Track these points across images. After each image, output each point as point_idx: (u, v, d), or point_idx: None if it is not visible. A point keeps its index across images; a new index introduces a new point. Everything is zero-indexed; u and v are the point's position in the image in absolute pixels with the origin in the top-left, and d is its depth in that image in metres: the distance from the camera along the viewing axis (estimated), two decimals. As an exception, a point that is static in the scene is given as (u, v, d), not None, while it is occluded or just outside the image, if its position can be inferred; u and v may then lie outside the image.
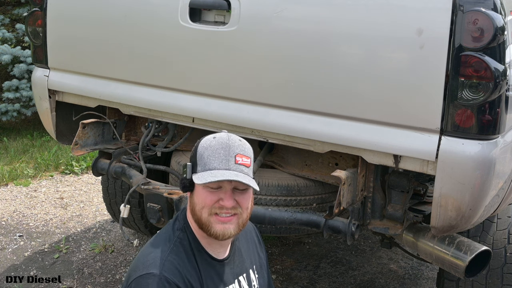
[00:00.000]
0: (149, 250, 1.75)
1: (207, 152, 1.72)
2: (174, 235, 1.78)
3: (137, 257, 1.77)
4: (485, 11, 1.94)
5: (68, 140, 3.17)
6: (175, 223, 1.82)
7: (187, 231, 1.78)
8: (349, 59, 2.23)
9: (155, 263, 1.67)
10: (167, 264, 1.67)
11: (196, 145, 1.77)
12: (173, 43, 2.58)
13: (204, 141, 1.76)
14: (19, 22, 6.85)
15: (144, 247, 1.81)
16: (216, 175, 1.67)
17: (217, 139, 1.74)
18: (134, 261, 1.76)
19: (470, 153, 2.03)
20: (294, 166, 2.78)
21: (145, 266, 1.68)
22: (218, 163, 1.70)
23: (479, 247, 2.34)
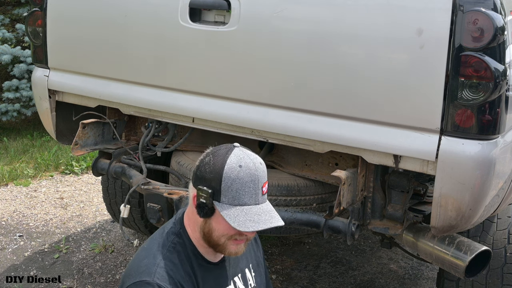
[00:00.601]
0: (142, 256, 1.73)
1: (236, 185, 1.63)
2: (168, 240, 1.75)
3: (131, 262, 1.75)
4: (485, 11, 1.94)
5: (68, 140, 3.17)
6: (170, 227, 1.79)
7: (184, 236, 1.75)
8: (349, 59, 2.23)
9: (148, 270, 1.66)
10: (159, 271, 1.66)
11: (215, 168, 1.64)
12: (173, 43, 2.58)
13: (230, 169, 1.63)
14: (19, 22, 6.84)
15: (138, 251, 1.79)
16: (254, 218, 1.63)
17: (244, 169, 1.64)
18: (128, 266, 1.75)
19: (470, 153, 2.03)
20: (294, 166, 2.78)
21: (138, 273, 1.66)
22: (248, 198, 1.64)
23: (479, 247, 2.34)
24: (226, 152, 1.67)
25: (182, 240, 1.75)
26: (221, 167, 1.64)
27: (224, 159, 1.65)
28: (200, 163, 1.70)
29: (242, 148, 1.70)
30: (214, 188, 1.64)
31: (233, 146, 1.70)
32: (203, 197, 1.66)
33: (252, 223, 1.62)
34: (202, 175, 1.67)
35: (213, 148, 1.73)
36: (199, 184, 1.67)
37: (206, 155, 1.71)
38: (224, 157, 1.66)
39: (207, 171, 1.66)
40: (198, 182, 1.67)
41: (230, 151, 1.67)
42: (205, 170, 1.67)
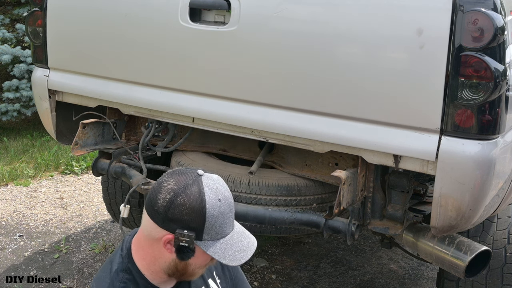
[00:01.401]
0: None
1: (219, 220, 1.55)
2: (118, 278, 1.63)
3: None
4: (485, 11, 1.94)
5: (68, 140, 3.17)
6: (117, 263, 1.67)
7: (133, 271, 1.64)
8: (349, 59, 2.23)
9: None
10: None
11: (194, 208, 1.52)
12: (173, 43, 2.58)
13: (212, 207, 1.53)
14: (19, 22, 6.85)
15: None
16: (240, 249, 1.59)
17: (223, 201, 1.56)
18: None
19: (470, 153, 2.03)
20: (294, 166, 2.78)
21: None
22: (228, 227, 1.59)
23: (479, 247, 2.35)
24: (198, 188, 1.54)
25: (132, 276, 1.64)
26: (202, 207, 1.53)
27: (201, 197, 1.53)
28: (169, 203, 1.53)
29: (208, 175, 1.59)
30: (195, 229, 1.53)
31: (199, 175, 1.57)
32: (184, 241, 1.54)
33: (240, 253, 1.58)
34: (177, 217, 1.53)
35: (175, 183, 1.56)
36: (174, 226, 1.53)
37: (172, 192, 1.54)
38: (200, 194, 1.54)
39: (184, 213, 1.52)
40: (173, 225, 1.53)
41: (200, 184, 1.55)
42: (180, 212, 1.52)
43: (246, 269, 3.82)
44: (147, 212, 1.59)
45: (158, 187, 1.57)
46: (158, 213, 1.55)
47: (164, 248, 1.58)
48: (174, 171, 1.61)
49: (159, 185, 1.57)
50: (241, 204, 2.62)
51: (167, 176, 1.59)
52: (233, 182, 2.70)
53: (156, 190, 1.56)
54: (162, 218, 1.54)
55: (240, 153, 2.97)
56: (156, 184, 1.59)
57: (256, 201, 2.65)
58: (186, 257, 1.57)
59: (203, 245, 1.55)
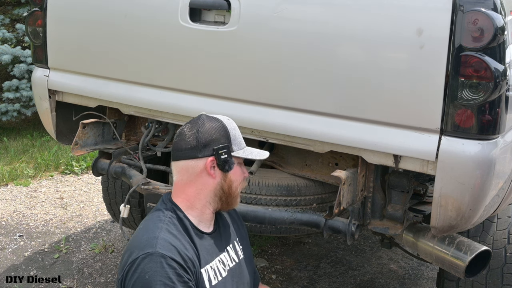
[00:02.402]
0: (141, 234, 1.81)
1: (236, 132, 1.94)
2: (165, 215, 1.86)
3: (130, 242, 1.82)
4: (485, 11, 1.94)
5: (68, 140, 3.17)
6: (161, 207, 1.90)
7: (177, 211, 1.88)
8: (349, 59, 2.23)
9: (149, 243, 1.74)
10: (160, 242, 1.74)
11: (217, 128, 1.89)
12: (173, 43, 2.58)
13: (228, 122, 1.92)
14: (19, 22, 6.85)
15: (136, 233, 1.86)
16: (254, 151, 1.98)
17: (230, 119, 1.96)
18: (128, 246, 1.81)
19: (470, 153, 2.03)
20: (294, 166, 2.78)
21: (140, 248, 1.74)
22: (243, 139, 1.97)
23: (479, 247, 2.35)
24: (209, 117, 1.92)
25: (176, 215, 1.87)
26: (222, 124, 1.91)
27: (216, 120, 1.91)
28: (197, 134, 1.87)
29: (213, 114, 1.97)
30: (226, 142, 1.89)
31: (206, 114, 1.95)
32: (223, 153, 1.88)
33: (258, 153, 1.99)
34: (208, 141, 1.87)
35: (191, 125, 1.91)
36: (210, 148, 1.86)
37: (194, 128, 1.89)
38: (214, 119, 1.91)
39: (212, 133, 1.88)
40: (208, 148, 1.86)
41: (208, 115, 1.93)
42: (209, 134, 1.88)
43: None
44: (181, 159, 1.89)
45: (181, 136, 1.90)
46: (193, 148, 1.87)
47: (208, 175, 1.88)
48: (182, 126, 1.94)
49: (180, 135, 1.90)
50: (241, 204, 2.62)
51: (181, 128, 1.92)
52: (233, 182, 2.69)
53: (181, 138, 1.90)
54: (199, 149, 1.87)
55: (240, 153, 2.97)
56: (177, 138, 1.91)
57: (256, 201, 2.65)
58: (230, 168, 1.89)
59: (237, 153, 1.92)
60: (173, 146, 1.93)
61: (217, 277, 1.88)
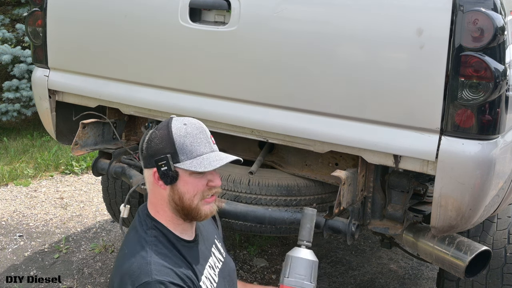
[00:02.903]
0: (130, 259, 1.69)
1: (188, 139, 1.74)
2: (148, 235, 1.75)
3: (117, 271, 1.70)
4: (485, 11, 1.94)
5: (68, 140, 3.17)
6: (141, 225, 1.79)
7: (158, 226, 1.78)
8: (349, 59, 2.23)
9: (143, 271, 1.64)
10: (154, 267, 1.65)
11: (163, 136, 1.74)
12: (173, 43, 2.58)
13: (177, 130, 1.74)
14: (19, 22, 6.85)
15: (123, 257, 1.73)
16: (215, 159, 1.75)
17: (189, 124, 1.76)
18: (116, 273, 1.70)
19: (470, 153, 2.03)
20: (294, 166, 2.78)
21: (134, 277, 1.63)
22: (203, 147, 1.75)
23: (479, 247, 2.35)
24: (166, 122, 1.76)
25: (159, 231, 1.77)
26: (169, 132, 1.74)
27: (167, 126, 1.75)
28: (145, 144, 1.77)
29: (180, 118, 1.79)
30: (169, 152, 1.72)
31: (170, 117, 1.79)
32: (163, 165, 1.72)
33: (216, 162, 1.73)
34: (153, 150, 1.74)
35: (152, 130, 1.79)
36: (154, 159, 1.73)
37: (148, 135, 1.78)
38: (167, 125, 1.75)
39: (156, 143, 1.74)
40: (152, 159, 1.74)
41: (169, 120, 1.77)
42: (154, 144, 1.75)
43: (246, 269, 3.82)
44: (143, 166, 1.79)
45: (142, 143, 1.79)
46: (144, 157, 1.77)
47: (158, 186, 1.76)
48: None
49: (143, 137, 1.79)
50: (241, 204, 2.62)
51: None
52: (233, 182, 2.70)
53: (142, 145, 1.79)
54: (146, 159, 1.77)
55: (240, 153, 2.97)
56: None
57: (256, 201, 2.65)
58: (172, 181, 1.73)
59: (182, 165, 1.72)
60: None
61: (213, 285, 1.83)
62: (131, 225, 1.85)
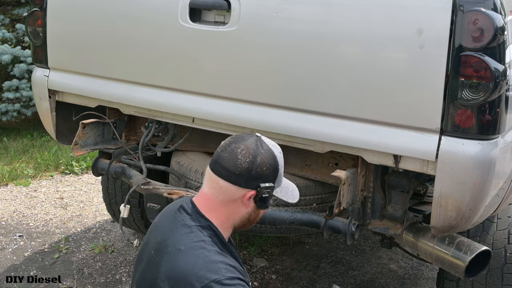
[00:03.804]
0: (191, 259, 1.71)
1: (282, 170, 1.89)
2: (204, 235, 1.79)
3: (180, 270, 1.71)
4: (485, 11, 1.94)
5: (68, 140, 3.17)
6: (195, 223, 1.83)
7: (213, 227, 1.83)
8: (349, 59, 2.23)
9: (211, 269, 1.68)
10: (221, 265, 1.70)
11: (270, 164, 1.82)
12: (173, 43, 2.58)
13: (279, 157, 1.87)
14: (19, 22, 6.84)
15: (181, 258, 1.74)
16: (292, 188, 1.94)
17: (281, 153, 1.90)
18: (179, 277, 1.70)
19: (470, 153, 2.03)
20: (294, 166, 2.78)
21: (201, 276, 1.66)
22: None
23: (479, 247, 2.35)
24: (267, 147, 1.85)
25: (213, 231, 1.83)
26: (275, 161, 1.84)
27: (272, 153, 1.85)
28: (250, 165, 1.80)
29: (261, 135, 1.90)
30: (272, 181, 1.84)
31: (257, 136, 1.87)
32: (266, 192, 1.83)
33: (294, 191, 1.94)
34: (260, 175, 1.81)
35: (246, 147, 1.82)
36: (257, 183, 1.81)
37: (249, 155, 1.81)
38: (270, 151, 1.85)
39: (263, 169, 1.81)
40: (255, 182, 1.81)
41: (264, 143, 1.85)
42: (260, 170, 1.81)
43: (246, 269, 3.82)
44: (224, 179, 1.82)
45: (232, 155, 1.81)
46: (240, 176, 1.80)
47: (242, 204, 1.84)
48: (233, 138, 1.88)
49: (231, 153, 1.82)
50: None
51: (234, 143, 1.84)
52: (233, 182, 2.69)
53: (231, 157, 1.81)
54: (246, 179, 1.81)
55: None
56: (225, 153, 1.83)
57: (256, 201, 2.65)
58: (267, 206, 1.86)
59: (276, 193, 1.87)
60: (218, 159, 1.85)
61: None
62: (179, 221, 1.85)
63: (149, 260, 1.84)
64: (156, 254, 1.82)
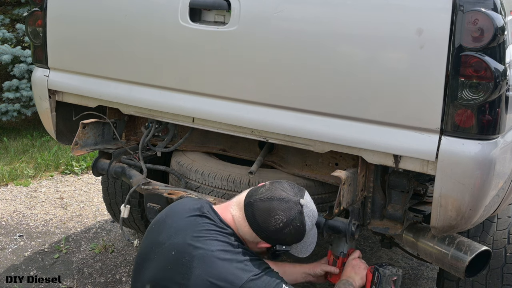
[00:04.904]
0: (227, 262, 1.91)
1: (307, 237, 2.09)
2: (230, 240, 1.98)
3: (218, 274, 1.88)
4: (485, 11, 1.94)
5: (68, 140, 3.17)
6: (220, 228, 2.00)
7: (236, 234, 2.02)
8: (349, 59, 2.23)
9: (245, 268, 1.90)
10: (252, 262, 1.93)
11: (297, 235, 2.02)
12: (173, 43, 2.58)
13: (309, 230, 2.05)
14: (19, 22, 6.85)
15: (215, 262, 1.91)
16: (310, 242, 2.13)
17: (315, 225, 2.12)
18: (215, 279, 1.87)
19: (470, 153, 2.03)
20: (294, 166, 2.78)
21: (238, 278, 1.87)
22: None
23: (479, 247, 2.34)
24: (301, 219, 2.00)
25: (238, 238, 2.03)
26: (302, 235, 2.03)
27: (303, 227, 2.01)
28: (277, 230, 1.97)
29: (307, 202, 2.04)
30: (289, 247, 2.04)
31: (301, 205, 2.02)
32: (280, 252, 2.03)
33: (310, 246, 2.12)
34: (281, 239, 2.00)
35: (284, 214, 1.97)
36: (276, 243, 2.01)
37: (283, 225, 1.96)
38: (303, 225, 2.00)
39: (288, 238, 2.00)
40: (275, 242, 2.00)
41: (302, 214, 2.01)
42: (285, 237, 1.99)
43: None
44: (250, 226, 1.99)
45: (267, 214, 1.97)
46: (264, 232, 1.98)
47: (255, 245, 2.03)
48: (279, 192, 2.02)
49: (268, 212, 1.97)
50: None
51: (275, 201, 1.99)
52: (233, 182, 2.70)
53: (265, 215, 1.97)
54: (266, 236, 1.99)
55: (240, 153, 2.97)
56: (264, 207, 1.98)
57: (256, 201, 2.65)
58: (276, 260, 2.11)
59: (290, 249, 2.05)
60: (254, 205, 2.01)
61: None
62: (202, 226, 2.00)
63: (171, 261, 1.95)
64: (181, 255, 1.93)
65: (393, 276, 2.34)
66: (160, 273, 1.96)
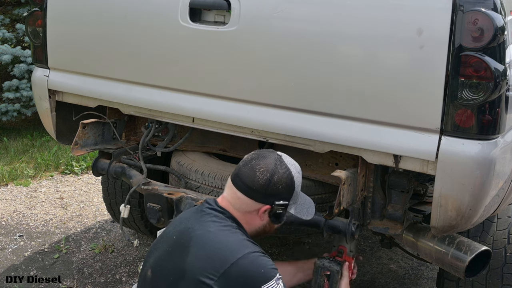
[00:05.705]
0: (223, 238, 1.94)
1: (299, 188, 2.08)
2: (230, 222, 2.01)
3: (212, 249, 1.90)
4: (485, 11, 1.94)
5: (68, 140, 3.17)
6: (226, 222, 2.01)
7: (236, 220, 2.03)
8: (349, 59, 2.23)
9: (243, 244, 1.93)
10: (249, 243, 1.95)
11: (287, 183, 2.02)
12: (173, 43, 2.58)
13: (296, 180, 2.05)
14: (19, 22, 6.84)
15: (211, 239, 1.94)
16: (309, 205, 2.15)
17: (300, 173, 2.09)
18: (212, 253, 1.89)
19: (470, 153, 2.03)
20: (294, 166, 2.77)
21: (235, 250, 1.89)
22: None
23: (479, 247, 2.35)
24: (285, 166, 2.03)
25: (237, 223, 2.05)
26: (291, 181, 2.03)
27: (289, 173, 2.03)
28: (267, 182, 1.98)
29: (283, 154, 2.07)
30: (287, 199, 2.03)
31: (279, 155, 2.05)
32: (280, 209, 2.02)
33: (310, 208, 2.15)
34: (275, 192, 2.00)
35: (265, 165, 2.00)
36: (272, 199, 2.00)
37: (267, 172, 1.98)
38: (288, 171, 2.02)
39: (280, 188, 2.00)
40: (270, 198, 2.00)
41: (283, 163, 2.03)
42: (277, 188, 2.00)
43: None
44: (242, 192, 2.00)
45: (251, 171, 2.00)
46: (257, 192, 1.99)
47: (257, 217, 2.04)
48: (255, 154, 2.06)
49: (252, 170, 2.00)
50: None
51: (254, 160, 2.03)
52: (233, 182, 2.69)
53: (250, 174, 2.00)
54: (262, 195, 1.99)
55: (240, 153, 2.97)
56: (247, 169, 2.01)
57: (256, 201, 2.65)
58: (280, 221, 2.06)
59: (291, 209, 2.07)
60: (239, 173, 2.03)
61: None
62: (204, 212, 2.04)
63: (171, 244, 2.01)
64: (180, 237, 1.99)
65: (325, 270, 2.40)
66: (161, 256, 2.02)
